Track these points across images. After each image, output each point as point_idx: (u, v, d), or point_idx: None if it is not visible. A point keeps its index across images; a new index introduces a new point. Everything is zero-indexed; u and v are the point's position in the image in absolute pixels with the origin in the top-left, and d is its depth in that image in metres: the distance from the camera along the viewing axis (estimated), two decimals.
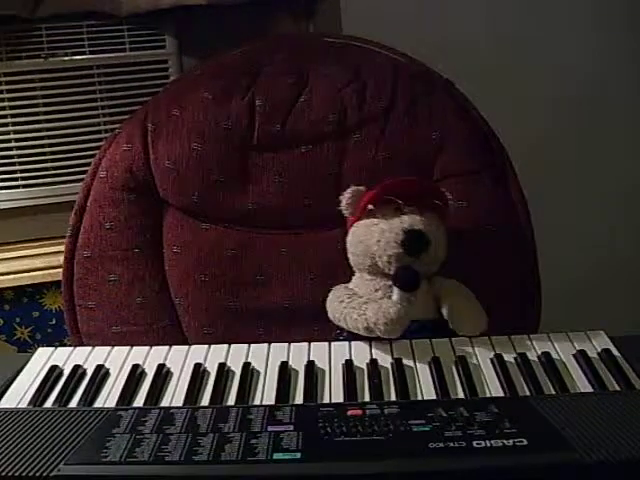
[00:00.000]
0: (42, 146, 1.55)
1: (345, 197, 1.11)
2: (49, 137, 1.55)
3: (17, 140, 1.54)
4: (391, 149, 1.26)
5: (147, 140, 1.26)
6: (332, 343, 1.03)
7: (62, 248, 1.29)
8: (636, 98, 1.90)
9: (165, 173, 1.26)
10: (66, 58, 1.51)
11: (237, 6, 1.51)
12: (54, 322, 1.68)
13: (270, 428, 0.79)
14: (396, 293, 1.05)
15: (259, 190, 1.26)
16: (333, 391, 0.93)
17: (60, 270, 1.29)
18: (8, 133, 1.53)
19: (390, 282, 1.06)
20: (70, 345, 1.30)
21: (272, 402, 0.91)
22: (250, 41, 1.37)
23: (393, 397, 0.91)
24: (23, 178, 1.56)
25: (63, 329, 1.61)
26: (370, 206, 1.08)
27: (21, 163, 1.55)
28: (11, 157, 1.54)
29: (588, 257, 1.93)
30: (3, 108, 1.51)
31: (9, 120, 1.52)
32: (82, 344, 1.26)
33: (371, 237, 1.07)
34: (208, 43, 1.50)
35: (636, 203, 1.97)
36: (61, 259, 1.28)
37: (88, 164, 1.32)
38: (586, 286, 1.93)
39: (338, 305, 1.08)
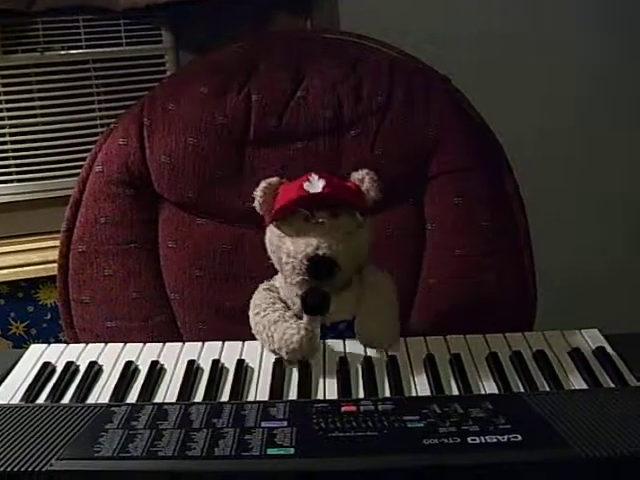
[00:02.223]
0: (38, 140, 1.55)
1: (257, 194, 1.02)
2: (45, 131, 1.54)
3: (12, 134, 1.53)
4: (387, 145, 1.26)
5: (143, 135, 1.26)
6: (326, 340, 1.03)
7: (57, 243, 1.29)
8: (636, 97, 1.90)
9: (161, 168, 1.25)
10: (62, 52, 1.50)
11: (234, 1, 1.51)
12: (49, 317, 1.68)
13: (264, 424, 0.79)
14: (305, 316, 1.01)
15: (255, 185, 1.25)
16: (327, 387, 0.93)
17: (55, 265, 1.28)
18: (3, 127, 1.52)
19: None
20: (65, 340, 1.30)
21: (266, 398, 0.91)
22: (247, 36, 1.36)
23: (387, 393, 0.91)
24: (18, 172, 1.56)
25: (58, 324, 1.61)
26: (273, 224, 1.02)
27: (16, 157, 1.55)
28: (6, 151, 1.54)
29: (584, 256, 1.93)
30: None
31: (4, 114, 1.51)
32: (77, 339, 1.26)
33: (281, 252, 1.01)
34: (205, 38, 1.50)
35: (635, 203, 1.97)
36: (56, 254, 1.28)
37: (84, 158, 1.32)
38: (583, 285, 1.93)
39: (254, 317, 1.04)
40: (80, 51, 1.50)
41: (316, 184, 0.98)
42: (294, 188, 0.99)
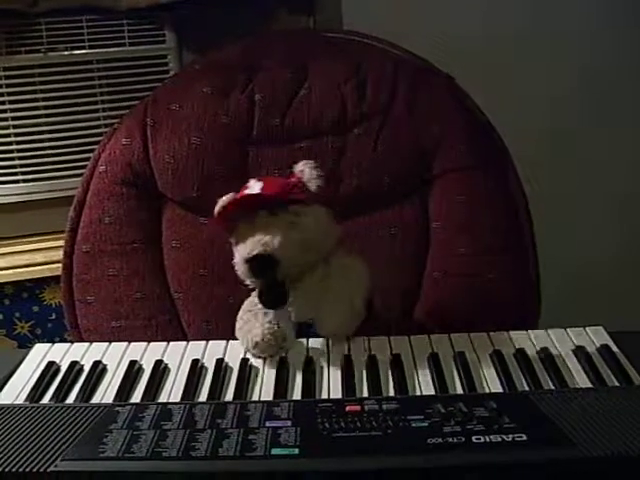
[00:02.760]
0: (42, 141, 1.55)
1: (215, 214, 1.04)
2: (49, 132, 1.54)
3: (17, 135, 1.53)
4: (391, 144, 1.26)
5: (146, 135, 1.26)
6: (330, 339, 1.03)
7: (62, 243, 1.29)
8: (637, 95, 1.89)
9: (164, 167, 1.25)
10: (66, 53, 1.50)
11: (237, 1, 1.51)
12: (54, 317, 1.68)
13: (268, 424, 0.79)
14: (270, 313, 1.03)
15: None
16: (331, 387, 0.93)
17: (60, 265, 1.28)
18: (8, 128, 1.52)
19: None
20: (70, 340, 1.30)
21: (270, 398, 0.91)
22: (250, 36, 1.36)
23: (392, 393, 0.91)
24: (23, 173, 1.56)
25: (63, 324, 1.61)
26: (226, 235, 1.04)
27: (21, 158, 1.55)
28: (11, 152, 1.54)
29: (588, 254, 1.92)
30: (3, 103, 1.51)
31: (9, 115, 1.51)
32: (82, 339, 1.26)
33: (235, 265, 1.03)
34: (208, 38, 1.49)
35: (637, 201, 1.96)
36: (61, 254, 1.28)
37: (88, 159, 1.32)
38: (587, 282, 1.93)
39: (238, 321, 1.07)
40: (83, 51, 1.51)
41: (254, 188, 1.00)
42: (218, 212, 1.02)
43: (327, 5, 1.61)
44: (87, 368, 0.99)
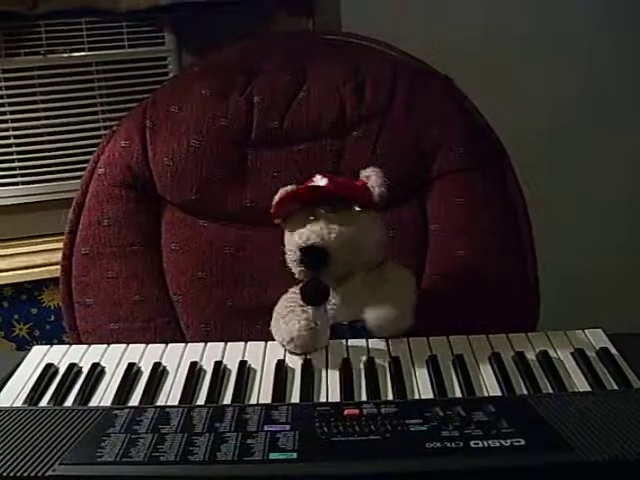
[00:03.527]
0: (41, 143, 1.55)
1: (273, 203, 1.07)
2: (48, 134, 1.54)
3: (16, 137, 1.53)
4: (390, 146, 1.26)
5: (145, 137, 1.26)
6: (329, 341, 1.03)
7: (61, 245, 1.28)
8: (637, 97, 1.89)
9: (163, 170, 1.25)
10: (65, 55, 1.50)
11: (236, 3, 1.50)
12: (53, 319, 1.68)
13: (266, 428, 0.79)
14: (309, 309, 1.04)
15: (257, 187, 1.26)
16: (330, 390, 0.93)
17: (59, 267, 1.28)
18: (7, 130, 1.52)
19: None
20: (68, 342, 1.30)
21: (268, 401, 0.91)
22: (249, 38, 1.36)
23: (390, 396, 0.91)
24: (22, 175, 1.56)
25: (62, 326, 1.61)
26: (277, 220, 1.06)
27: (20, 160, 1.55)
28: (10, 154, 1.54)
29: (588, 256, 1.92)
30: (2, 105, 1.51)
31: (8, 117, 1.52)
32: (80, 341, 1.26)
33: (286, 251, 1.05)
34: (207, 40, 1.49)
35: (636, 203, 1.96)
36: (60, 256, 1.28)
37: (87, 161, 1.32)
38: (586, 285, 1.92)
39: (274, 315, 1.08)
40: (83, 54, 1.51)
41: (319, 182, 1.03)
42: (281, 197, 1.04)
43: (326, 7, 1.61)
44: (85, 370, 0.99)
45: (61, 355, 1.04)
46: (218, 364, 0.99)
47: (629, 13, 1.82)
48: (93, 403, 0.93)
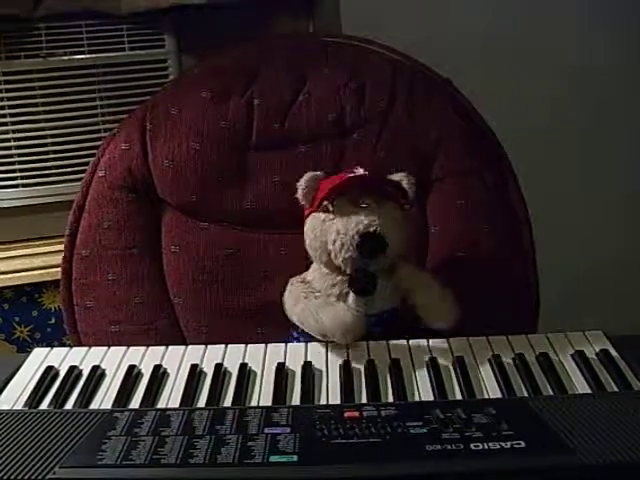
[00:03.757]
0: (41, 145, 1.55)
1: (301, 186, 1.06)
2: (48, 136, 1.55)
3: (16, 139, 1.53)
4: (390, 149, 1.26)
5: (146, 139, 1.26)
6: (329, 344, 1.03)
7: (61, 247, 1.28)
8: (637, 97, 1.89)
9: (163, 172, 1.25)
10: (65, 57, 1.50)
11: (236, 5, 1.50)
12: (53, 321, 1.68)
13: (267, 430, 0.79)
14: (352, 297, 1.04)
15: (257, 189, 1.26)
16: (330, 392, 0.93)
17: (59, 269, 1.28)
18: (7, 132, 1.52)
19: (347, 280, 1.05)
20: (69, 344, 1.30)
21: (269, 403, 0.91)
22: (249, 41, 1.36)
23: (390, 398, 0.91)
24: (22, 177, 1.56)
25: (62, 328, 1.60)
26: (325, 202, 1.05)
27: (20, 162, 1.55)
28: (10, 156, 1.54)
29: (588, 258, 1.92)
30: (2, 107, 1.51)
31: (8, 120, 1.52)
32: (81, 343, 1.26)
33: (328, 235, 1.04)
34: (207, 42, 1.49)
35: (636, 203, 1.96)
36: (60, 258, 1.28)
37: (87, 163, 1.32)
38: (585, 287, 1.93)
39: (294, 307, 1.06)
40: (83, 56, 1.51)
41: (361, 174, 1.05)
42: (340, 177, 1.05)
43: (326, 9, 1.61)
44: (86, 373, 0.99)
45: (61, 358, 1.04)
46: (219, 366, 0.99)
47: (628, 12, 1.82)
48: (93, 406, 0.92)
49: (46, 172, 1.57)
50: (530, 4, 1.78)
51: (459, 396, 0.92)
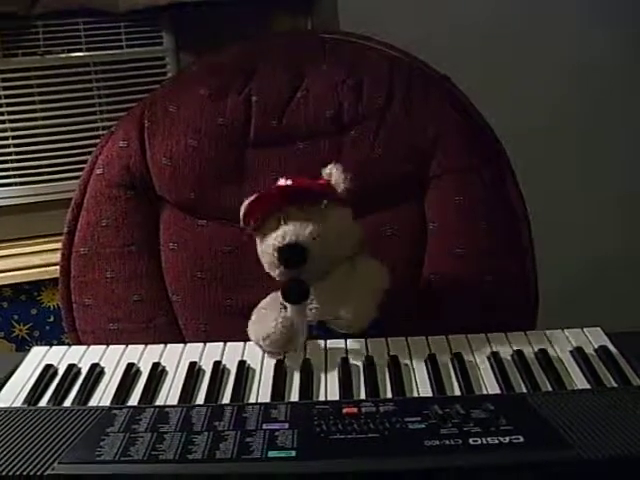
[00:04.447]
0: (39, 143, 1.55)
1: (242, 214, 1.06)
2: (46, 134, 1.55)
3: (14, 137, 1.54)
4: (388, 145, 1.26)
5: (144, 137, 1.26)
6: (328, 340, 1.03)
7: (59, 245, 1.28)
8: (636, 95, 1.89)
9: (162, 170, 1.25)
10: (63, 55, 1.50)
11: (234, 3, 1.51)
12: (52, 319, 1.68)
13: (265, 426, 0.79)
14: (289, 306, 1.03)
15: (256, 186, 1.25)
16: (329, 388, 0.93)
17: (58, 267, 1.28)
18: (5, 130, 1.53)
19: None
20: (68, 342, 1.30)
21: (267, 400, 0.91)
22: (247, 38, 1.36)
23: (389, 394, 0.91)
24: (20, 175, 1.56)
25: (61, 326, 1.61)
26: (249, 230, 1.05)
27: (18, 160, 1.55)
28: (8, 154, 1.55)
29: (587, 255, 1.92)
30: (0, 105, 1.51)
31: (6, 117, 1.52)
32: (79, 341, 1.26)
33: (261, 257, 1.05)
34: (205, 40, 1.50)
35: (635, 202, 1.96)
36: (58, 256, 1.28)
37: (85, 161, 1.32)
38: (584, 284, 1.93)
39: (253, 315, 1.08)
40: (81, 54, 1.51)
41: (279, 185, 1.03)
42: (260, 196, 1.04)
43: (324, 6, 1.61)
44: (84, 371, 0.99)
45: (60, 356, 1.04)
46: (217, 364, 0.99)
47: (628, 10, 1.82)
48: (92, 403, 0.92)
49: (44, 170, 1.57)
50: (530, 1, 1.78)
51: (458, 392, 0.92)
